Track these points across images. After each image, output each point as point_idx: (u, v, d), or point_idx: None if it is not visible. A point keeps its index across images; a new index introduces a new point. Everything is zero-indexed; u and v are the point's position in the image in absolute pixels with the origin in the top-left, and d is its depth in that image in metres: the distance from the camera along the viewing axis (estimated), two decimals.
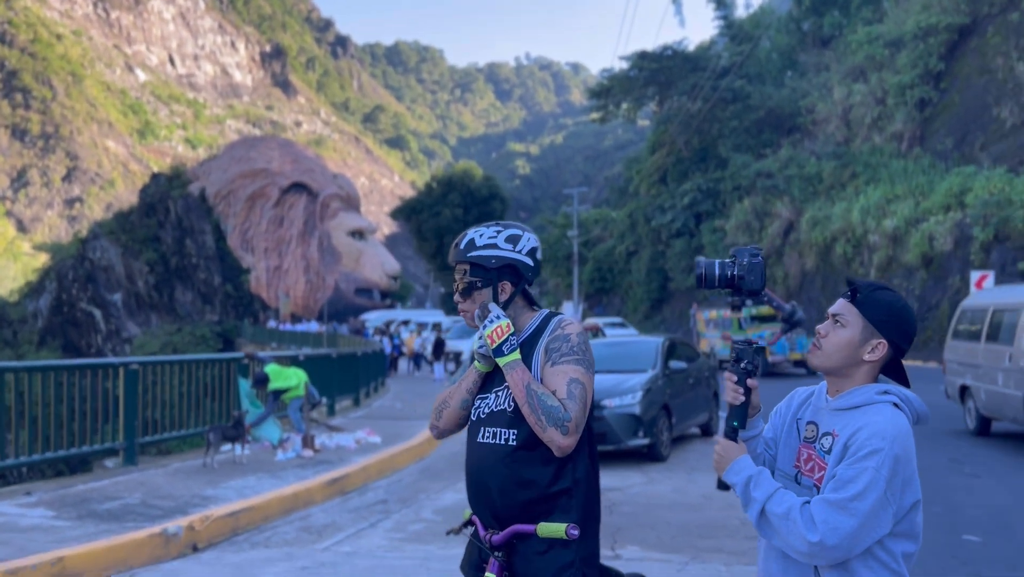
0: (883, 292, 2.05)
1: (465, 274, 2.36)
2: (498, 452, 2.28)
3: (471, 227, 2.45)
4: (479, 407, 2.38)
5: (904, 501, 1.93)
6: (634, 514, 6.79)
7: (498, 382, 2.35)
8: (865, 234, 29.92)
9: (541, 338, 2.33)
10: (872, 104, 35.79)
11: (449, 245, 38.81)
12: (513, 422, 2.27)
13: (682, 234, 43.25)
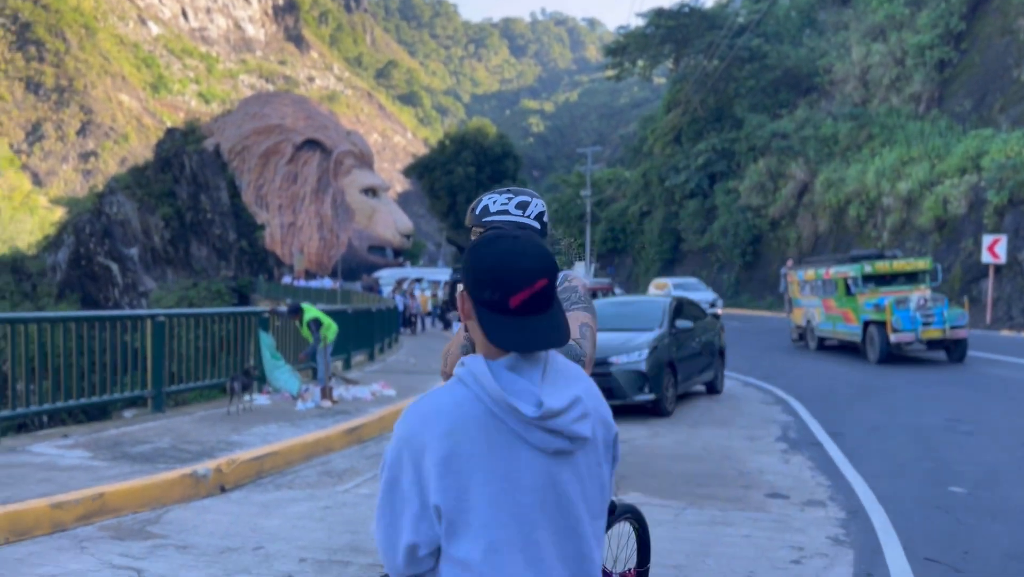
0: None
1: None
2: None
3: (486, 192, 2.67)
4: None
5: (440, 501, 1.49)
6: (637, 464, 7.13)
7: None
8: (879, 196, 29.88)
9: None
10: (891, 64, 35.41)
11: (462, 203, 39.08)
12: None
13: (696, 195, 43.20)
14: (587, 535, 1.55)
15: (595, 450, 1.59)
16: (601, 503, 1.59)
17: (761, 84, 42.40)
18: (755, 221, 38.46)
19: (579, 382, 1.59)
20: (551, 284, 1.53)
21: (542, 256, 1.55)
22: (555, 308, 1.56)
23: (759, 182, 38.14)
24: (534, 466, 1.51)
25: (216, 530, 5.23)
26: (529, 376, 1.53)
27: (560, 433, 1.51)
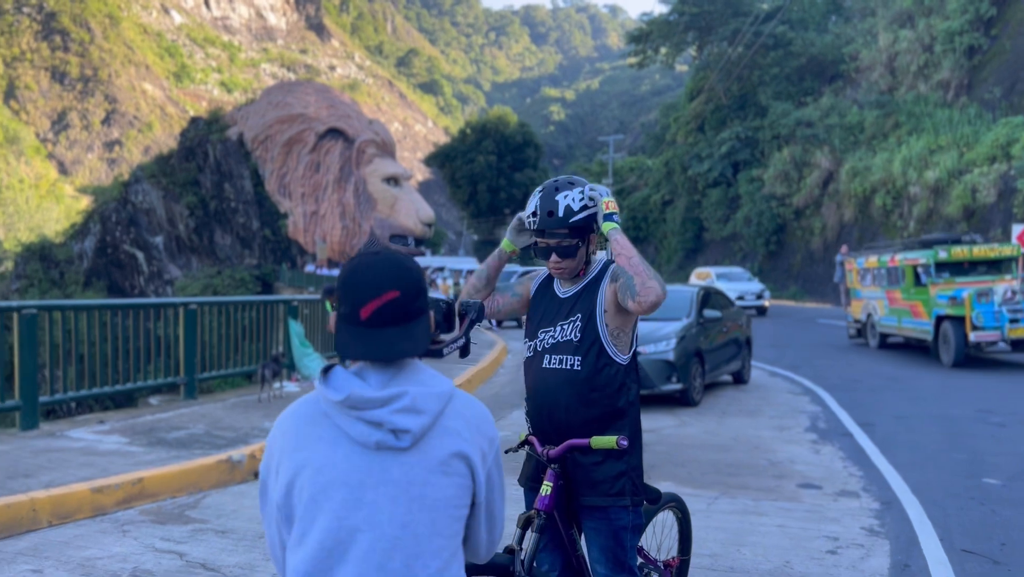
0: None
1: (564, 237, 2.61)
2: (564, 376, 2.62)
3: (549, 191, 2.63)
4: (542, 339, 2.71)
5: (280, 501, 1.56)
6: (666, 453, 7.14)
7: (563, 316, 2.68)
8: (906, 185, 29.54)
9: (605, 276, 2.67)
10: (919, 51, 34.91)
11: (483, 192, 38.66)
12: (578, 350, 2.62)
13: (719, 183, 42.92)
14: (405, 540, 1.50)
15: (436, 459, 1.54)
16: (432, 514, 1.52)
17: (786, 71, 42.00)
18: (779, 210, 38.17)
19: (432, 386, 1.56)
20: (404, 296, 1.56)
21: (395, 270, 1.58)
22: (412, 321, 1.58)
23: (783, 171, 37.81)
24: (354, 461, 1.51)
25: (254, 515, 5.30)
26: (369, 379, 1.56)
27: (380, 425, 1.50)
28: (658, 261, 48.62)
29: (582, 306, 2.67)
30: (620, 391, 2.65)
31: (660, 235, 49.57)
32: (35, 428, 7.20)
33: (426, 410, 1.53)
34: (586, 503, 2.62)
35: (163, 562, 4.41)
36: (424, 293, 1.62)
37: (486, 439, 1.62)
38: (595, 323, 2.63)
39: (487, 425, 1.64)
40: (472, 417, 1.61)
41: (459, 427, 1.58)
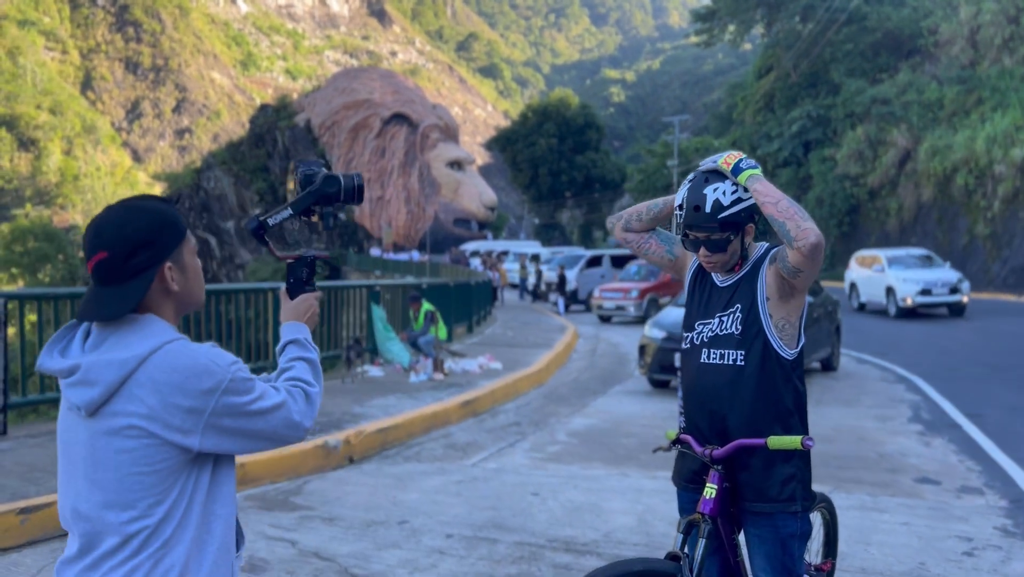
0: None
1: (713, 231, 2.41)
2: (727, 372, 2.45)
3: (698, 182, 2.46)
4: (700, 332, 2.54)
5: None
6: None
7: (721, 307, 2.51)
8: (990, 164, 28.34)
9: (764, 261, 2.48)
10: (1003, 23, 33.38)
11: (544, 175, 38.46)
12: (741, 344, 2.44)
13: (789, 163, 41.87)
14: (95, 494, 1.57)
15: (111, 427, 1.55)
16: (115, 473, 1.56)
17: (860, 47, 40.66)
18: (852, 190, 37.07)
19: (123, 351, 1.56)
20: (113, 257, 1.56)
21: (110, 228, 1.58)
22: (129, 280, 1.58)
23: (857, 150, 36.67)
24: (64, 419, 1.64)
25: (358, 502, 5.28)
26: (90, 339, 1.62)
27: (66, 396, 1.61)
28: None
29: (742, 295, 2.48)
30: (788, 387, 2.45)
31: None
32: None
33: (99, 381, 1.54)
34: (752, 509, 2.45)
35: (276, 550, 4.40)
36: (146, 247, 1.58)
37: (194, 395, 1.56)
38: (757, 313, 2.44)
39: (194, 380, 1.56)
40: (166, 380, 1.55)
41: (145, 394, 1.55)
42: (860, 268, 20.81)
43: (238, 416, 1.61)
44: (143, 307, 1.62)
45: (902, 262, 19.53)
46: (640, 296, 19.66)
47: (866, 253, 21.53)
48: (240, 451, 1.66)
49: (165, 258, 1.61)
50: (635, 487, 5.66)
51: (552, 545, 4.48)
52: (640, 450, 6.80)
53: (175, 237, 1.63)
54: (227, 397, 1.59)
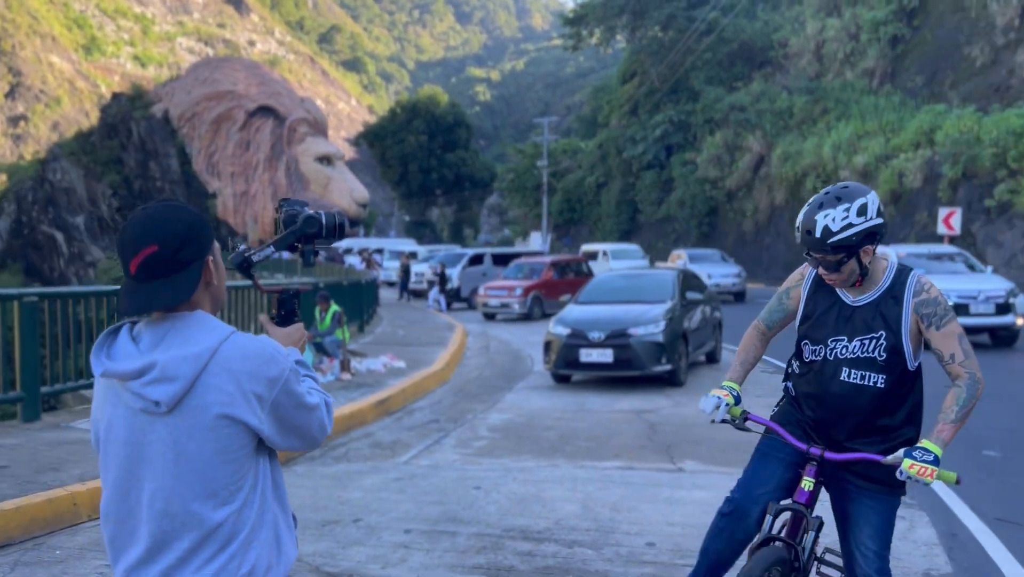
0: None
1: (826, 254, 2.63)
2: (867, 392, 2.74)
3: (813, 207, 2.65)
4: (834, 348, 2.78)
5: None
6: (677, 432, 7.38)
7: (861, 329, 2.74)
8: (836, 169, 30.66)
9: (905, 294, 2.72)
10: (845, 39, 36.15)
11: (414, 172, 38.36)
12: (884, 369, 2.71)
13: (653, 166, 43.65)
14: (180, 489, 1.61)
15: (199, 420, 1.60)
16: (199, 464, 1.61)
17: (717, 57, 42.87)
18: (712, 193, 39.13)
19: (192, 346, 1.61)
20: (163, 250, 1.61)
21: (154, 225, 1.63)
22: (178, 272, 1.63)
23: (716, 154, 38.72)
24: (128, 421, 1.64)
25: (304, 503, 5.29)
26: (142, 340, 1.65)
27: (138, 395, 1.61)
28: (593, 243, 49.23)
29: (884, 324, 2.72)
30: (916, 391, 2.80)
31: (595, 217, 50.16)
32: (37, 420, 6.96)
33: (178, 376, 1.59)
34: (869, 488, 2.78)
35: None
36: (192, 241, 1.65)
37: (263, 383, 1.64)
38: (901, 347, 2.70)
39: (264, 367, 1.65)
40: (240, 368, 1.62)
41: (222, 383, 1.61)
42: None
43: (291, 407, 1.69)
44: (190, 304, 1.68)
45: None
46: (524, 294, 20.10)
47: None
48: (281, 445, 1.72)
49: (207, 252, 1.69)
50: (569, 476, 5.95)
51: (509, 535, 4.69)
52: (563, 442, 7.10)
53: (210, 234, 1.72)
54: (288, 386, 1.67)
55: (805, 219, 2.66)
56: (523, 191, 55.89)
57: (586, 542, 4.55)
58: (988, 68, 28.52)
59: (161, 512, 1.62)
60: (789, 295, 2.97)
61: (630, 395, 9.35)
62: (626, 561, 4.26)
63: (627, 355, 9.37)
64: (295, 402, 1.69)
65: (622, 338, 9.40)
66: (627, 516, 5.00)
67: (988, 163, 23.42)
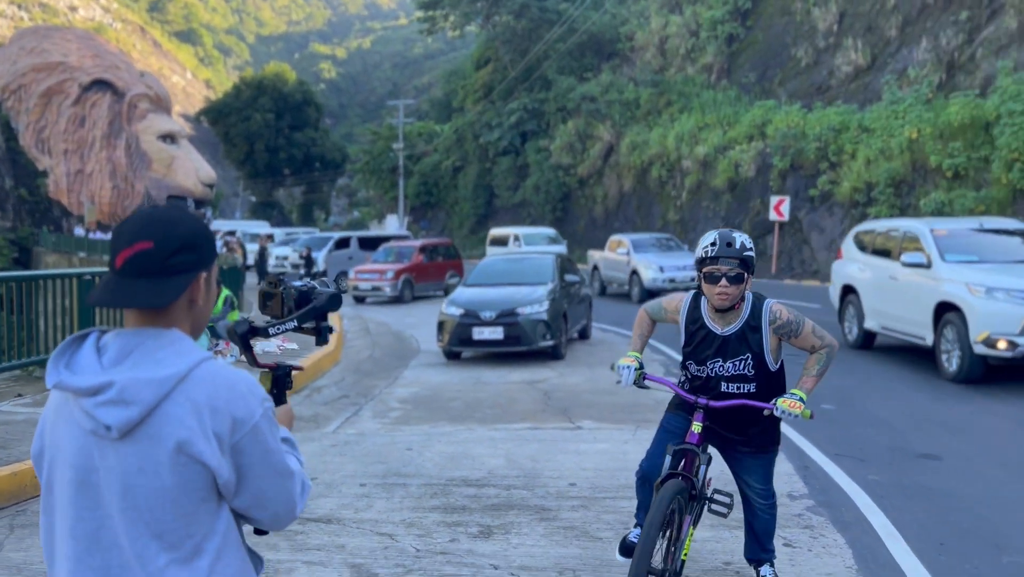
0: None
1: (735, 266, 3.27)
2: (743, 397, 3.48)
3: (726, 232, 3.36)
4: (712, 367, 3.48)
5: None
6: (568, 398, 8.33)
7: (730, 353, 3.44)
8: (679, 159, 32.92)
9: (763, 324, 3.43)
10: (686, 36, 38.62)
11: (260, 151, 38.11)
12: (753, 379, 3.47)
13: (508, 152, 44.86)
14: (125, 525, 1.46)
15: (152, 451, 1.43)
16: (150, 502, 1.44)
17: (569, 47, 44.54)
18: (565, 179, 40.82)
19: (159, 369, 1.45)
20: (159, 249, 1.48)
21: (157, 223, 1.51)
22: (168, 276, 1.50)
23: (569, 142, 40.40)
24: (76, 441, 1.48)
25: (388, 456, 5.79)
26: (107, 352, 1.49)
27: (89, 415, 1.44)
28: (450, 226, 49.99)
29: (749, 348, 3.42)
30: (780, 378, 3.57)
31: (452, 200, 50.89)
32: None
33: (135, 401, 1.42)
34: (752, 451, 3.60)
35: None
36: (191, 250, 1.52)
37: (226, 420, 1.46)
38: (764, 361, 3.46)
39: (232, 403, 1.47)
40: (206, 400, 1.46)
41: (183, 414, 1.44)
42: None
43: (259, 458, 1.50)
44: (168, 319, 1.52)
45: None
46: (395, 277, 20.61)
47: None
48: (240, 504, 1.53)
49: (204, 268, 1.55)
50: (487, 437, 6.75)
51: (453, 483, 5.44)
52: (471, 410, 7.89)
53: (213, 252, 1.59)
54: (258, 433, 1.49)
55: (722, 235, 3.34)
56: (378, 173, 55.77)
57: (519, 485, 5.38)
58: (811, 68, 31.48)
59: (104, 546, 1.47)
60: (667, 314, 3.68)
61: (519, 368, 10.26)
62: (556, 497, 5.12)
63: (516, 332, 10.26)
64: (263, 453, 1.50)
65: (511, 317, 10.28)
66: (546, 465, 5.87)
67: (812, 156, 26.06)
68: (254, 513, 1.55)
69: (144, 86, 50.25)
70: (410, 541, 4.40)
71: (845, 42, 29.24)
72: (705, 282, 3.36)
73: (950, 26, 24.86)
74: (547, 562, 4.09)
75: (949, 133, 21.23)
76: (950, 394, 8.18)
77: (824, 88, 30.10)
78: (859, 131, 24.88)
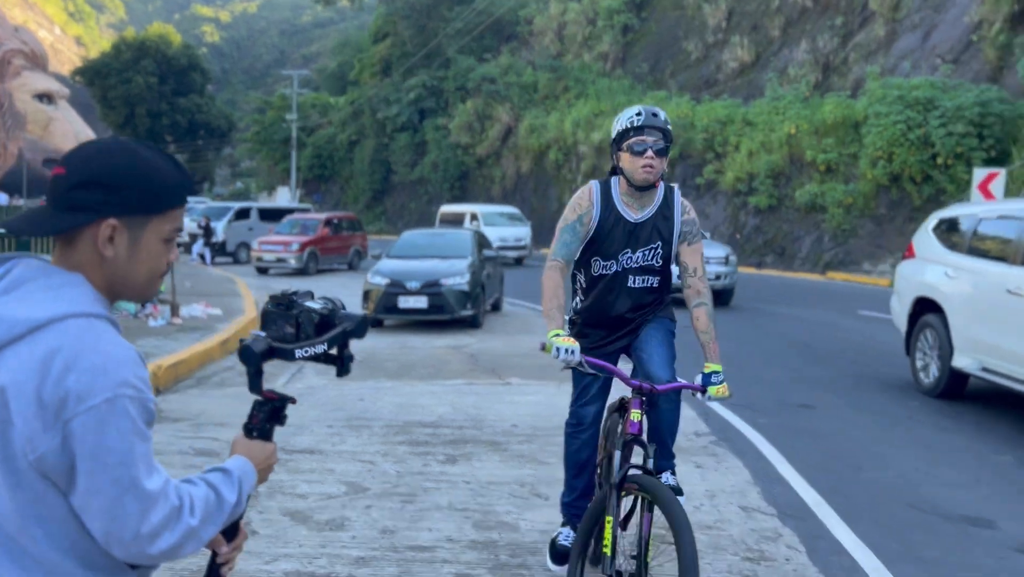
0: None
1: (660, 138, 3.16)
2: (649, 291, 3.43)
3: (650, 107, 3.24)
4: (622, 260, 3.33)
5: None
6: (494, 360, 9.16)
7: (642, 242, 3.30)
8: (575, 144, 34.17)
9: (675, 213, 3.33)
10: (584, 23, 39.84)
11: (141, 116, 37.11)
12: (658, 272, 3.40)
13: (407, 128, 45.07)
14: None
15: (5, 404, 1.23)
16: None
17: (469, 27, 45.05)
18: (463, 158, 41.49)
19: (21, 309, 1.27)
20: (66, 177, 1.32)
21: (81, 149, 1.35)
22: (67, 210, 1.32)
23: (468, 122, 41.02)
24: None
25: (223, 413, 6.34)
26: (9, 281, 1.32)
27: None
28: (344, 201, 49.79)
29: (660, 236, 3.30)
30: (670, 278, 3.51)
31: (347, 174, 50.64)
32: None
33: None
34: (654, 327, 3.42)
35: (199, 446, 5.45)
36: (99, 188, 1.31)
37: (62, 390, 1.22)
38: (670, 253, 3.36)
39: (77, 373, 1.23)
40: (52, 356, 1.24)
41: (18, 365, 1.24)
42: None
43: (87, 451, 1.23)
44: (71, 261, 1.34)
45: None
46: (300, 249, 20.86)
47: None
48: (71, 499, 1.26)
49: (113, 213, 1.32)
50: (428, 391, 7.50)
51: (410, 425, 6.18)
52: (407, 370, 8.60)
53: (146, 201, 1.34)
54: (91, 418, 1.23)
55: (646, 108, 3.21)
56: (270, 144, 54.74)
57: (469, 426, 6.18)
58: (701, 62, 33.28)
59: None
60: (582, 222, 3.31)
61: (442, 335, 11.00)
62: (503, 435, 5.95)
63: (439, 301, 11.01)
64: (97, 448, 1.23)
65: (435, 287, 11.01)
66: (488, 412, 6.69)
67: (700, 146, 27.75)
68: (85, 520, 1.27)
69: (19, 41, 47.49)
70: (389, 466, 5.13)
71: (732, 39, 31.11)
72: (630, 155, 3.19)
73: (827, 30, 26.98)
74: (508, 479, 4.92)
75: (823, 130, 23.21)
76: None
77: (712, 82, 31.92)
78: (743, 124, 26.70)
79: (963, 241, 7.39)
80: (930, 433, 6.33)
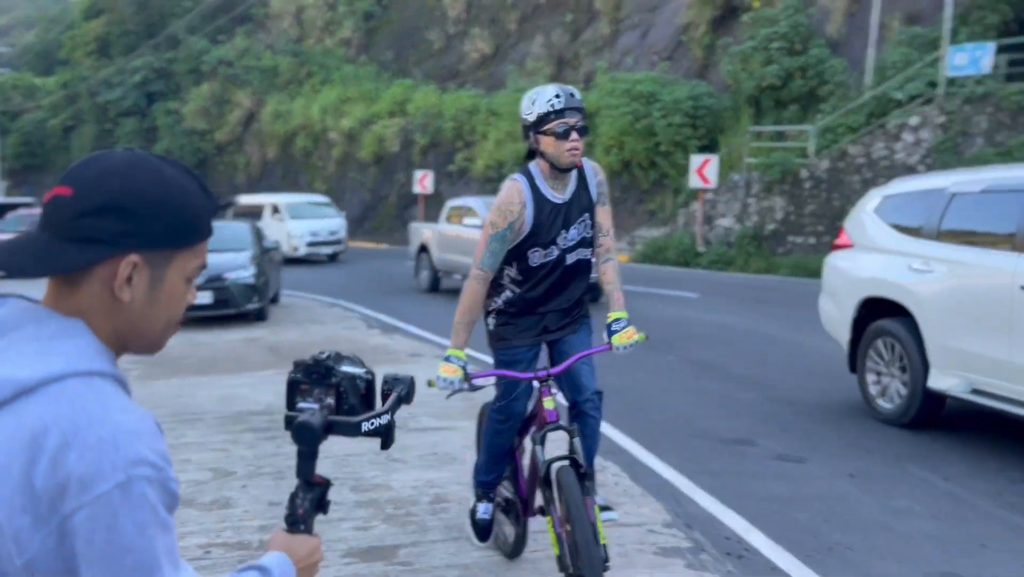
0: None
1: (581, 118, 3.11)
2: (583, 264, 3.36)
3: (565, 87, 3.18)
4: (561, 243, 3.26)
5: None
6: (295, 351, 9.36)
7: (574, 218, 3.25)
8: (324, 130, 33.91)
9: (589, 180, 3.31)
10: (324, 8, 39.39)
11: None
12: (589, 243, 3.35)
13: (133, 113, 41.96)
14: None
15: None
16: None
17: (199, 7, 42.73)
18: (200, 144, 39.47)
19: (6, 369, 0.98)
20: (74, 199, 1.03)
21: (89, 165, 1.06)
22: (74, 241, 1.02)
23: (204, 106, 39.05)
24: None
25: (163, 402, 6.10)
26: None
27: None
28: None
29: (584, 208, 3.30)
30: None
31: (63, 164, 45.86)
32: None
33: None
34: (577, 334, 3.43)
35: None
36: (123, 216, 1.03)
37: (61, 473, 0.94)
38: (593, 219, 3.34)
39: (79, 451, 0.94)
40: (47, 429, 0.95)
41: (3, 437, 0.96)
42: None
43: (96, 551, 0.95)
44: (73, 303, 1.06)
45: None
46: None
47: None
48: None
49: (136, 247, 1.05)
50: (243, 383, 7.62)
51: (244, 414, 6.37)
52: (211, 365, 8.58)
53: (176, 233, 1.08)
54: (101, 509, 0.94)
55: (563, 89, 3.12)
56: None
57: None
58: (443, 52, 34.37)
59: None
60: (512, 228, 3.18)
61: (230, 330, 10.90)
62: None
63: (225, 296, 10.89)
64: (109, 544, 0.95)
65: (219, 281, 10.87)
66: None
67: (449, 134, 28.84)
68: None
69: None
70: (242, 451, 5.37)
71: (472, 31, 32.52)
72: (554, 139, 3.10)
73: (559, 26, 29.16)
74: (362, 449, 5.37)
75: None
76: None
77: (455, 72, 33.16)
78: (489, 114, 28.14)
79: (931, 224, 5.76)
80: (691, 381, 7.65)
